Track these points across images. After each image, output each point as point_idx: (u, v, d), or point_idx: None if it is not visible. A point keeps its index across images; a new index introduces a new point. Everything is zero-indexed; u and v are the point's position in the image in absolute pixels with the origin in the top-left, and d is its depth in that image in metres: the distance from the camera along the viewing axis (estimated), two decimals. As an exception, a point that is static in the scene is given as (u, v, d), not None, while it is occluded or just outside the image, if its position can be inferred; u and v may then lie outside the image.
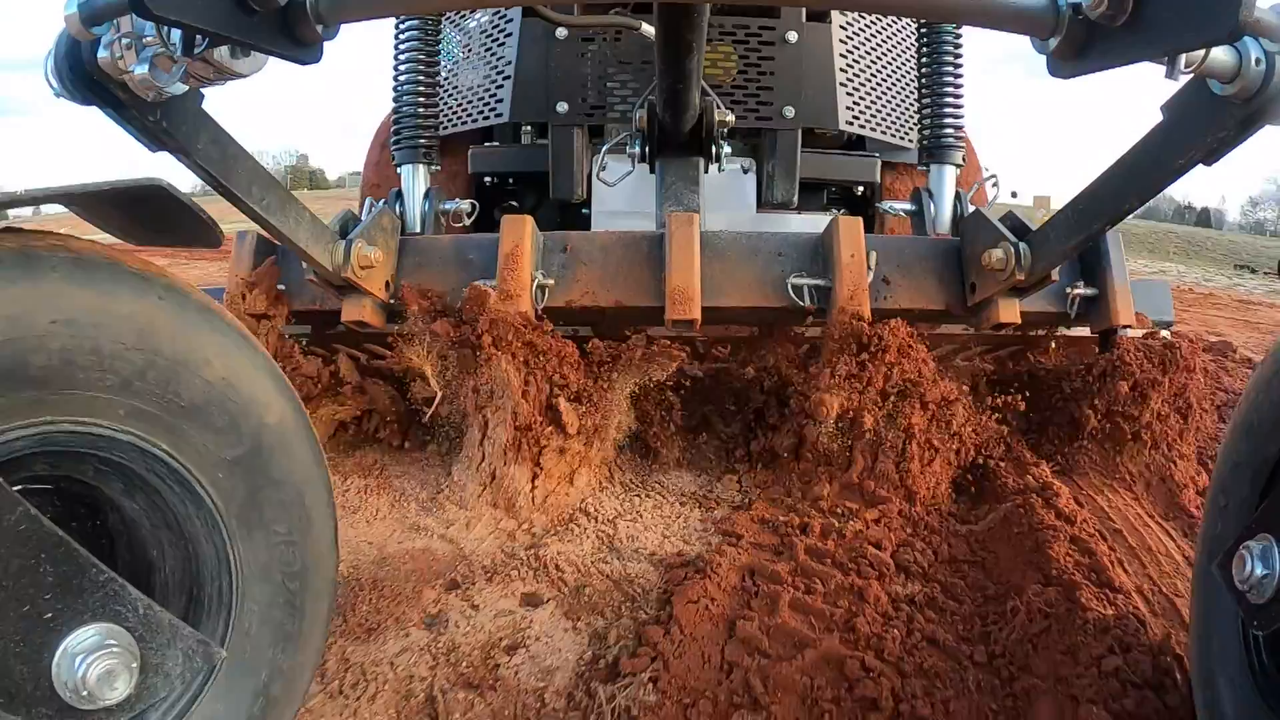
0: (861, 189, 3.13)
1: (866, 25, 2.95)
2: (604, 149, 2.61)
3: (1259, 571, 0.81)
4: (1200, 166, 1.35)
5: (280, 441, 0.85)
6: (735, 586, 1.42)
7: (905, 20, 3.01)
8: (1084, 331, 2.18)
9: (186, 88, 1.24)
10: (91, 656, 0.68)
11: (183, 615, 0.82)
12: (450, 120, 3.04)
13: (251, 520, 0.83)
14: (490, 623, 1.33)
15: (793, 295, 1.99)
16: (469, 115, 3.00)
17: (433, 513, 1.80)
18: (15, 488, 0.65)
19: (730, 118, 2.39)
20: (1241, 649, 0.89)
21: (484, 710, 1.12)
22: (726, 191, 2.77)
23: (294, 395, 0.90)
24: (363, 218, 2.00)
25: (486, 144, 3.09)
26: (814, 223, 2.63)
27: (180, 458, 0.77)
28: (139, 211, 0.84)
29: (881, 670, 1.17)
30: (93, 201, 0.81)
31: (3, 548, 0.63)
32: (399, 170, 2.46)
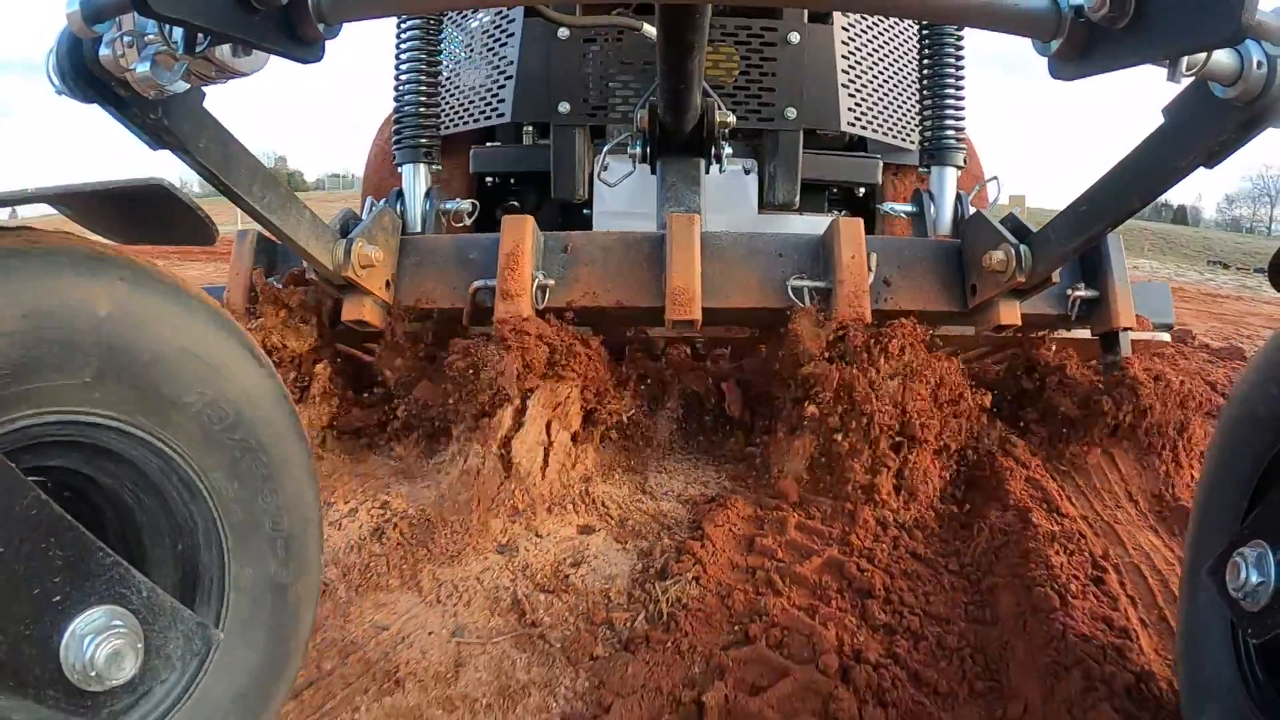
0: (862, 190, 3.13)
1: (868, 27, 2.95)
2: (605, 149, 2.61)
3: (1254, 578, 0.78)
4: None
5: (129, 323, 0.75)
6: (750, 515, 1.73)
7: (907, 22, 3.01)
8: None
9: (188, 86, 1.24)
10: (99, 638, 0.68)
11: (164, 510, 0.82)
12: (452, 120, 3.04)
13: (157, 408, 0.77)
14: (555, 546, 1.61)
15: (793, 297, 1.99)
16: (470, 115, 3.00)
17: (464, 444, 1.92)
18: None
19: (732, 119, 2.39)
20: (1233, 657, 0.87)
21: (562, 607, 1.38)
22: (728, 192, 2.77)
23: (129, 265, 0.77)
24: (363, 217, 2.00)
25: (488, 144, 3.09)
26: (815, 224, 2.63)
27: (57, 407, 0.70)
28: (136, 211, 0.83)
29: (874, 571, 1.47)
30: (92, 201, 0.81)
31: (14, 531, 0.64)
32: (400, 170, 2.46)
